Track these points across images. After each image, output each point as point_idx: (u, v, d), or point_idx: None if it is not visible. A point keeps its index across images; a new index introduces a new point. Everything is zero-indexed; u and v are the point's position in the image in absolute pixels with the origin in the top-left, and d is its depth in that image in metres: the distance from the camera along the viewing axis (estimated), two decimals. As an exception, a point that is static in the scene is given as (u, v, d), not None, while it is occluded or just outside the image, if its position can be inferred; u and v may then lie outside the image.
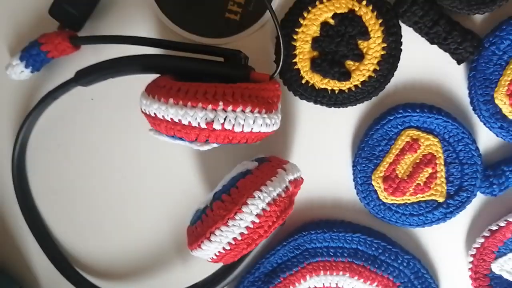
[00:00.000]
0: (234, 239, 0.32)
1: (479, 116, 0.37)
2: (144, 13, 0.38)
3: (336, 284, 0.40)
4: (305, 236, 0.40)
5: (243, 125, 0.30)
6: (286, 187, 0.33)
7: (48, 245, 0.41)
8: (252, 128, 0.31)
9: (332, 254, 0.40)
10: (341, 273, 0.40)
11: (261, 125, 0.31)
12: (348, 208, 0.40)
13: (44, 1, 0.37)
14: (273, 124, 0.32)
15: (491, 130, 0.37)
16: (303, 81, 0.37)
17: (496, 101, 0.36)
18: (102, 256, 0.42)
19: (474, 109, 0.37)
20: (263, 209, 0.32)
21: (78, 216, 0.41)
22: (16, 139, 0.38)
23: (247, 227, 0.32)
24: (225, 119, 0.30)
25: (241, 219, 0.31)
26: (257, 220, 0.32)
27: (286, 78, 0.37)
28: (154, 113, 0.31)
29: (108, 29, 0.38)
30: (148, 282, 0.42)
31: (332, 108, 0.38)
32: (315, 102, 0.38)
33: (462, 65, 0.37)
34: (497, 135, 0.37)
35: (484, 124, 0.37)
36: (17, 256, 0.42)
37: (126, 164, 0.40)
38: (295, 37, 0.37)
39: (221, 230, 0.32)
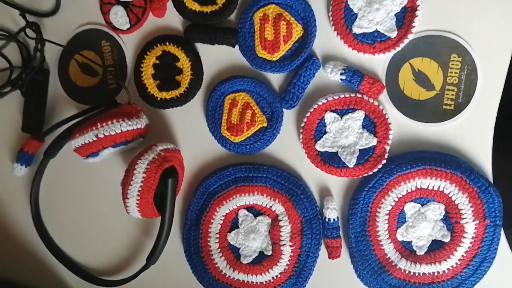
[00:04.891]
0: (139, 191, 0.55)
1: (257, 68, 0.61)
2: (64, 105, 0.66)
3: (236, 205, 0.61)
4: (203, 185, 0.62)
5: (115, 129, 0.56)
6: (158, 153, 0.57)
7: (65, 261, 0.66)
8: (121, 130, 0.56)
9: (224, 188, 0.61)
10: (233, 196, 0.61)
11: (126, 126, 0.57)
12: (222, 157, 0.63)
13: (18, 125, 0.67)
14: (136, 124, 0.58)
15: (267, 71, 0.60)
16: (159, 99, 0.63)
17: (259, 55, 0.60)
18: (98, 259, 0.66)
19: (252, 65, 0.61)
20: (146, 168, 0.55)
21: (78, 235, 0.66)
22: (30, 200, 0.65)
23: (141, 181, 0.55)
24: (104, 130, 0.56)
25: (136, 178, 0.55)
26: (144, 175, 0.55)
27: (147, 101, 0.63)
28: (75, 147, 0.58)
29: (53, 122, 0.66)
30: (134, 260, 0.65)
31: (183, 106, 0.63)
32: (171, 107, 0.63)
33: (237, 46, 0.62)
34: (273, 73, 0.60)
35: (261, 70, 0.60)
36: (49, 277, 0.67)
37: (98, 192, 0.66)
38: (142, 77, 0.63)
39: (129, 189, 0.55)
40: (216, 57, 0.62)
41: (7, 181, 0.68)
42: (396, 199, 0.58)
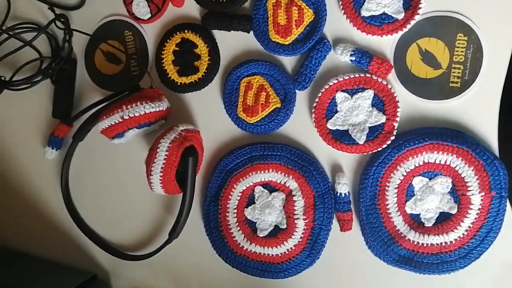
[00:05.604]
0: (162, 168, 0.59)
1: (270, 52, 0.64)
2: (91, 92, 0.71)
3: (252, 182, 0.65)
4: (221, 164, 0.66)
5: (139, 111, 0.60)
6: (179, 133, 0.61)
7: (93, 237, 0.70)
8: (145, 111, 0.61)
9: (241, 166, 0.65)
10: (250, 174, 0.65)
11: (149, 108, 0.61)
12: (238, 137, 0.66)
13: (48, 112, 0.72)
14: (158, 106, 0.62)
15: (280, 55, 0.64)
16: (178, 84, 0.67)
17: (273, 39, 0.63)
18: (124, 235, 0.71)
19: (266, 49, 0.64)
20: (168, 146, 0.59)
21: (105, 213, 0.71)
22: (60, 181, 0.70)
23: (164, 159, 0.59)
24: (129, 112, 0.60)
25: (159, 156, 0.59)
26: (167, 153, 0.59)
27: (168, 85, 0.67)
28: (102, 128, 0.62)
29: (81, 108, 0.71)
30: (158, 235, 0.69)
31: (201, 90, 0.67)
32: (191, 91, 0.67)
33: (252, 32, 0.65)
34: (286, 56, 0.64)
35: (275, 53, 0.64)
36: (79, 253, 0.72)
37: (123, 172, 0.71)
38: (163, 63, 0.67)
39: (153, 167, 0.60)
40: (232, 42, 0.66)
41: (39, 164, 0.73)
42: (405, 174, 0.60)
